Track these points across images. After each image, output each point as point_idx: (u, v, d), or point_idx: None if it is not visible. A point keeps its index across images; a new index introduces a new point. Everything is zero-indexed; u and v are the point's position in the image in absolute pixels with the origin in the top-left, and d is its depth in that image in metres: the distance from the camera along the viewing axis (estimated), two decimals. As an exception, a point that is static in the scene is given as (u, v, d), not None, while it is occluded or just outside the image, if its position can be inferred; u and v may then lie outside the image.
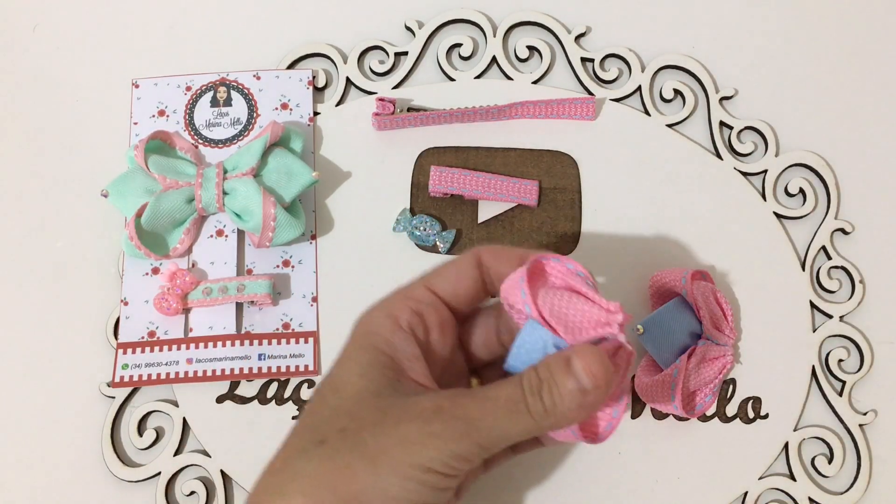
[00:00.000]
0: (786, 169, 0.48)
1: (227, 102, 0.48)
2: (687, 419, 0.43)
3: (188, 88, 0.49)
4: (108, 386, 0.43)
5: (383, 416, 0.30)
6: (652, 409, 0.43)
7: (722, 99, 0.49)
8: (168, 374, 0.43)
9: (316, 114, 0.49)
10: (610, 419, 0.32)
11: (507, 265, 0.34)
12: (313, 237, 0.46)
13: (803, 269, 0.46)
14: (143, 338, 0.44)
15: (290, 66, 0.50)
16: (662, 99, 0.49)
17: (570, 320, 0.31)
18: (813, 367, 0.44)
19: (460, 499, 0.36)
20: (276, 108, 0.48)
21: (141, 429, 0.43)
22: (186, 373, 0.43)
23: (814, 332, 0.45)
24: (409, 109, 0.48)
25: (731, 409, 0.43)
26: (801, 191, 0.47)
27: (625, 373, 0.32)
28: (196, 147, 0.47)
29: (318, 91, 0.49)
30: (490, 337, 0.36)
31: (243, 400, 0.44)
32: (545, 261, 0.33)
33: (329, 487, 0.29)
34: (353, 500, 0.29)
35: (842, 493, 0.42)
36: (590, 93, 0.49)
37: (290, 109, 0.48)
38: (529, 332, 0.32)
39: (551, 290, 0.32)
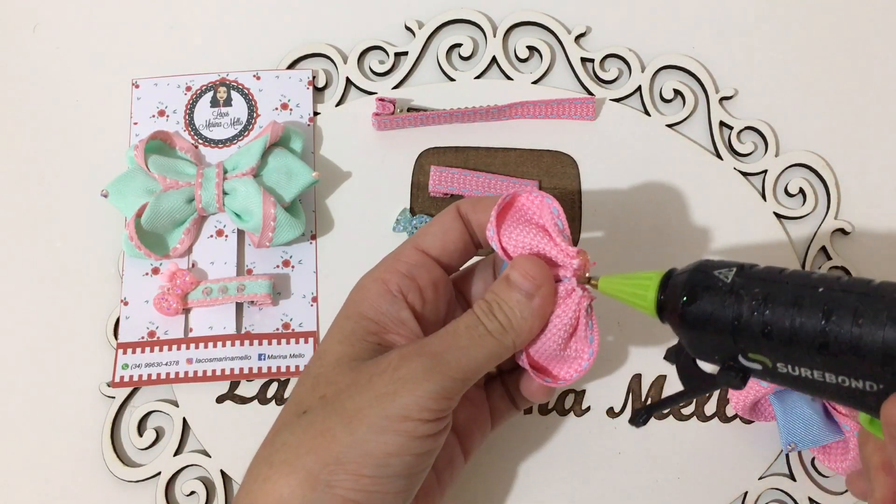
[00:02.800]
0: (786, 169, 0.48)
1: (227, 102, 0.48)
2: (687, 418, 0.43)
3: (188, 88, 0.49)
4: (108, 386, 0.43)
5: (357, 377, 0.31)
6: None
7: (722, 99, 0.49)
8: (168, 374, 0.43)
9: (316, 114, 0.49)
10: (578, 370, 0.34)
11: (486, 212, 0.34)
12: (313, 237, 0.46)
13: (803, 270, 0.46)
14: (143, 338, 0.44)
15: (290, 66, 0.50)
16: (662, 99, 0.49)
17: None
18: (813, 367, 0.44)
19: (468, 459, 0.37)
20: (276, 109, 0.48)
21: (141, 429, 0.43)
22: (186, 373, 0.43)
23: (814, 332, 0.45)
24: (409, 109, 0.48)
25: (731, 410, 0.43)
26: (801, 191, 0.47)
27: (578, 319, 0.33)
28: (196, 147, 0.47)
29: (318, 91, 0.49)
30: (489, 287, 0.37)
31: (243, 400, 0.44)
32: (522, 194, 0.34)
33: (311, 453, 0.30)
34: (333, 463, 0.30)
35: (842, 494, 0.42)
36: (590, 93, 0.49)
37: (290, 109, 0.48)
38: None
39: (518, 227, 0.33)
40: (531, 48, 0.50)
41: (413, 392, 0.30)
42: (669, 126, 0.48)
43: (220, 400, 0.44)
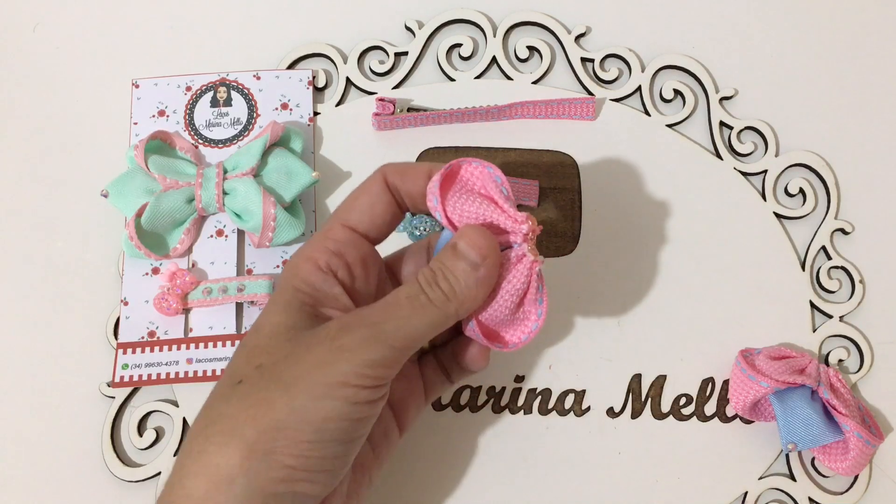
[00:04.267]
0: (786, 169, 0.48)
1: (227, 102, 0.48)
2: (687, 418, 0.43)
3: (188, 88, 0.49)
4: (108, 386, 0.43)
5: (295, 347, 0.31)
6: (652, 410, 0.43)
7: (722, 99, 0.49)
8: (168, 374, 0.43)
9: (316, 114, 0.49)
10: (528, 332, 0.34)
11: (416, 182, 0.34)
12: (313, 237, 0.46)
13: (803, 269, 0.46)
14: (143, 338, 0.44)
15: (290, 67, 0.50)
16: (662, 99, 0.49)
17: (475, 224, 0.33)
18: (813, 367, 0.44)
19: (402, 434, 0.37)
20: (276, 109, 0.48)
21: (141, 429, 0.43)
22: (186, 373, 0.43)
23: (814, 332, 0.45)
24: (409, 109, 0.48)
25: (731, 410, 0.43)
26: (801, 191, 0.47)
27: (530, 283, 0.33)
28: (196, 147, 0.47)
29: (318, 91, 0.49)
30: (421, 266, 0.37)
31: (243, 400, 0.44)
32: (463, 164, 0.34)
33: (249, 422, 0.30)
34: (272, 430, 0.30)
35: (841, 494, 0.42)
36: (590, 93, 0.49)
37: (290, 109, 0.48)
38: (444, 239, 0.34)
39: (463, 196, 0.33)
40: (531, 48, 0.50)
41: (351, 361, 0.30)
42: (669, 126, 0.48)
43: (220, 400, 0.43)
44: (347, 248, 0.35)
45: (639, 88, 0.49)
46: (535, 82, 0.49)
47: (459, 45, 0.50)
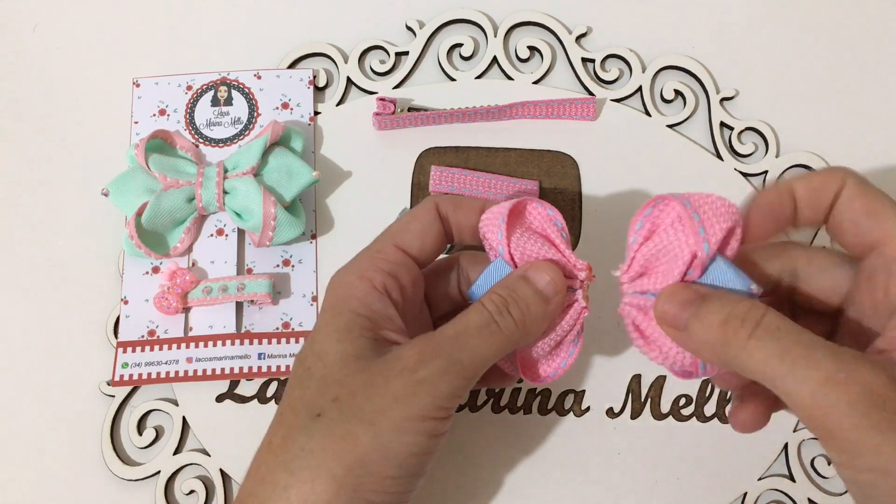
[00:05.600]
0: (786, 170, 0.48)
1: (228, 102, 0.48)
2: (687, 419, 0.43)
3: (189, 88, 0.49)
4: (108, 385, 0.43)
5: (371, 378, 0.31)
6: (652, 410, 0.43)
7: (722, 100, 0.49)
8: (168, 373, 0.43)
9: (317, 113, 0.49)
10: (557, 367, 0.35)
11: (469, 215, 0.35)
12: (313, 237, 0.46)
13: (803, 270, 0.46)
14: (143, 337, 0.44)
15: (291, 66, 0.50)
16: (663, 99, 0.49)
17: None
18: (813, 367, 0.44)
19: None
20: (277, 108, 0.48)
21: (141, 427, 0.43)
22: (186, 372, 0.43)
23: (814, 332, 0.45)
24: (409, 109, 0.48)
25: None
26: (802, 191, 0.47)
27: (574, 326, 0.34)
28: (196, 146, 0.47)
29: (319, 91, 0.49)
30: (452, 288, 0.38)
31: (243, 399, 0.44)
32: (529, 203, 0.35)
33: (335, 458, 0.30)
34: (357, 466, 0.30)
35: (841, 495, 0.42)
36: (590, 93, 0.49)
37: (291, 109, 0.48)
38: (496, 269, 0.34)
39: (526, 234, 0.34)
40: (532, 48, 0.50)
41: (431, 394, 0.30)
42: (670, 126, 0.48)
43: (219, 399, 0.43)
44: (401, 270, 0.35)
45: (639, 89, 0.49)
46: (535, 82, 0.49)
47: (460, 44, 0.50)
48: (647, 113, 0.49)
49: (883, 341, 0.29)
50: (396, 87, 0.49)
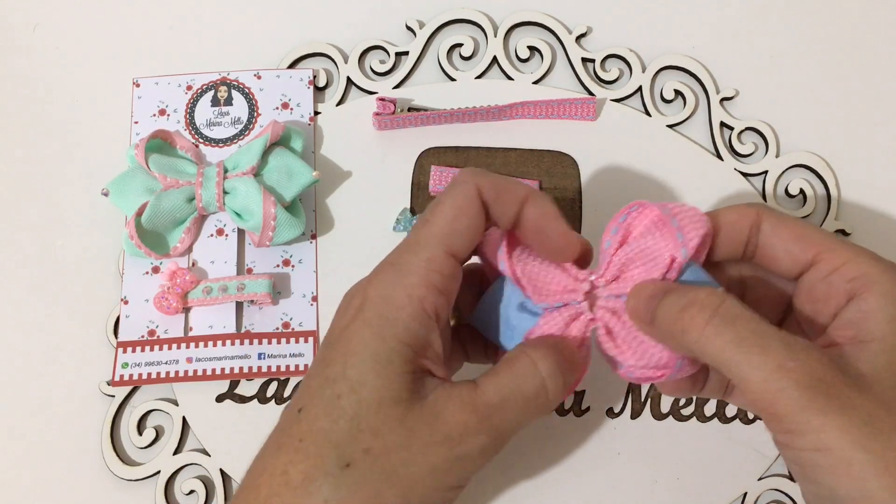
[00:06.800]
0: (786, 170, 0.48)
1: (228, 102, 0.48)
2: (687, 419, 0.43)
3: (189, 88, 0.49)
4: (108, 385, 0.43)
5: (409, 438, 0.29)
6: (652, 410, 0.43)
7: (722, 100, 0.49)
8: (168, 373, 0.43)
9: (317, 113, 0.49)
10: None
11: (511, 207, 0.33)
12: (313, 237, 0.46)
13: (803, 270, 0.46)
14: (143, 337, 0.44)
15: (291, 66, 0.50)
16: (663, 99, 0.49)
17: (539, 282, 0.33)
18: (813, 367, 0.44)
19: None
20: (277, 108, 0.48)
21: (141, 427, 0.43)
22: (186, 372, 0.43)
23: (814, 332, 0.45)
24: (409, 109, 0.48)
25: (731, 410, 0.43)
26: (802, 192, 0.47)
27: (583, 338, 0.34)
28: (196, 146, 0.47)
29: (319, 91, 0.49)
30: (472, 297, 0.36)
31: (243, 399, 0.44)
32: None
33: None
34: None
35: (841, 494, 0.42)
36: (590, 93, 0.49)
37: (291, 109, 0.48)
38: (499, 287, 0.34)
39: (525, 253, 0.34)
40: (532, 48, 0.50)
41: (469, 469, 0.30)
42: (670, 126, 0.48)
43: (219, 399, 0.43)
44: (452, 286, 0.32)
45: (639, 89, 0.49)
46: (535, 82, 0.49)
47: (460, 44, 0.50)
48: (647, 113, 0.49)
49: (825, 340, 0.31)
50: (396, 87, 0.49)
